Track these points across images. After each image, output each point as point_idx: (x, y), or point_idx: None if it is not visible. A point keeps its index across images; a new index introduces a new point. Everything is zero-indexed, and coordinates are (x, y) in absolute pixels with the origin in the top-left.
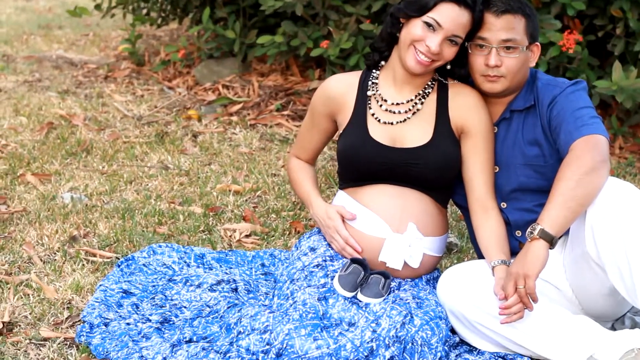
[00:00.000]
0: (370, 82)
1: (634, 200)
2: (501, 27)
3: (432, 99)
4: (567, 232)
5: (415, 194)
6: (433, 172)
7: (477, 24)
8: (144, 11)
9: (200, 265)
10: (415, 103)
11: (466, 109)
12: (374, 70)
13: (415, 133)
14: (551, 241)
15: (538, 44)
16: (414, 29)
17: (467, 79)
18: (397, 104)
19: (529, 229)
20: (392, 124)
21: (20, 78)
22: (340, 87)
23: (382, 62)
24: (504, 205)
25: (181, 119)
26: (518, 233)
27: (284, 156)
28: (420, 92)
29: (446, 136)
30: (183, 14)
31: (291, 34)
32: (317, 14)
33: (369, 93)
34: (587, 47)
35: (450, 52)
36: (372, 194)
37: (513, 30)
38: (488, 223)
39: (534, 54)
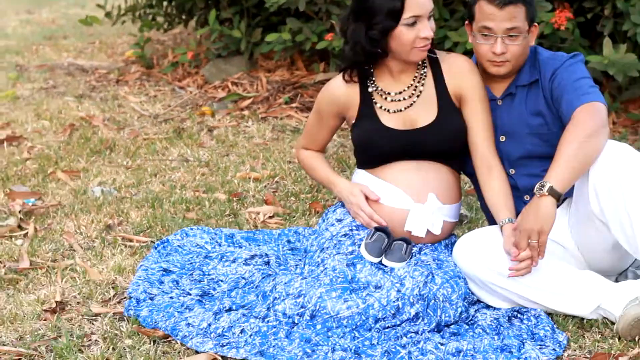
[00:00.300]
0: (368, 81)
1: (632, 159)
2: (504, 18)
3: (429, 77)
4: (571, 194)
5: (432, 165)
6: (445, 143)
7: None
8: (150, 17)
9: (230, 245)
10: (416, 87)
11: (461, 76)
12: (365, 68)
13: (423, 113)
14: (558, 198)
15: (536, 24)
16: (404, 36)
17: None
18: (400, 92)
19: (537, 186)
20: (401, 110)
21: (35, 85)
22: (343, 88)
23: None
24: (512, 171)
25: (195, 116)
26: (527, 197)
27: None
28: (417, 74)
29: (450, 109)
30: (188, 17)
31: (295, 30)
32: (319, 9)
33: (370, 90)
34: (578, 29)
35: (432, 24)
36: (392, 170)
37: (515, 19)
38: (493, 182)
39: (533, 34)
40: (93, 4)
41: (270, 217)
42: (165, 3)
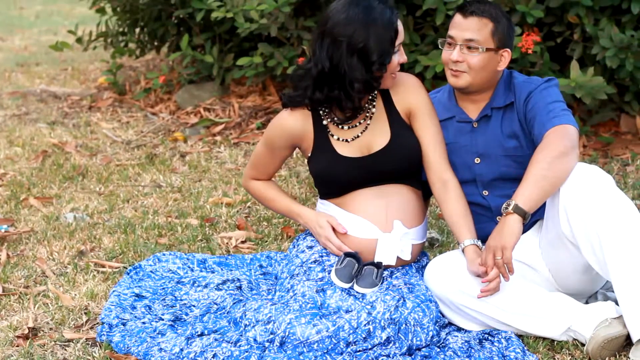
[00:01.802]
0: (320, 112)
1: (601, 181)
2: (466, 28)
3: (379, 99)
4: (542, 216)
5: (394, 189)
6: (403, 163)
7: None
8: (122, 43)
9: (203, 270)
10: (369, 109)
11: (407, 92)
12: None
13: (377, 136)
14: (524, 216)
15: (509, 50)
16: (391, 65)
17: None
18: (356, 117)
19: (504, 205)
20: (358, 136)
21: (8, 112)
22: (297, 121)
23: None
24: (485, 193)
25: (168, 141)
26: (499, 218)
27: None
28: (369, 97)
29: (402, 128)
30: (160, 44)
31: (267, 55)
32: (291, 35)
33: (324, 122)
34: (547, 53)
35: None
36: (355, 200)
37: (477, 32)
38: (449, 198)
39: (504, 58)
40: (65, 30)
41: (243, 242)
42: (137, 30)
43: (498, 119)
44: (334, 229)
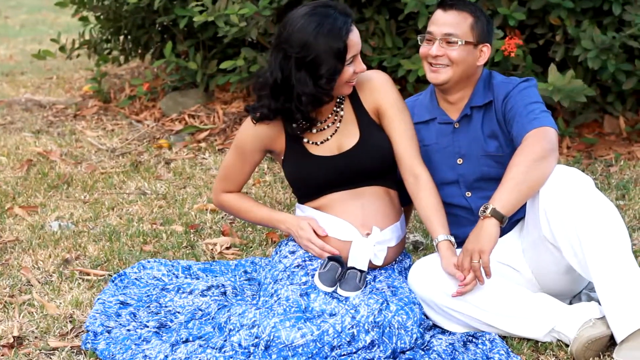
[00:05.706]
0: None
1: (581, 183)
2: (445, 22)
3: (347, 100)
4: (524, 214)
5: (369, 189)
6: (374, 161)
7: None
8: (106, 51)
9: (187, 276)
10: (337, 112)
11: (373, 91)
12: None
13: (347, 136)
14: (501, 219)
15: (488, 45)
16: (344, 75)
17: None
18: (325, 120)
19: (481, 208)
20: (328, 139)
21: None
22: (267, 124)
23: None
24: (468, 194)
25: (153, 149)
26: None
27: (253, 175)
28: (337, 100)
29: (371, 127)
30: (144, 51)
31: (250, 60)
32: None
33: (295, 125)
34: (530, 55)
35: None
36: (332, 202)
37: (457, 26)
38: (421, 193)
39: (484, 53)
40: (50, 39)
41: (227, 248)
42: (121, 37)
43: (479, 119)
44: (315, 232)
